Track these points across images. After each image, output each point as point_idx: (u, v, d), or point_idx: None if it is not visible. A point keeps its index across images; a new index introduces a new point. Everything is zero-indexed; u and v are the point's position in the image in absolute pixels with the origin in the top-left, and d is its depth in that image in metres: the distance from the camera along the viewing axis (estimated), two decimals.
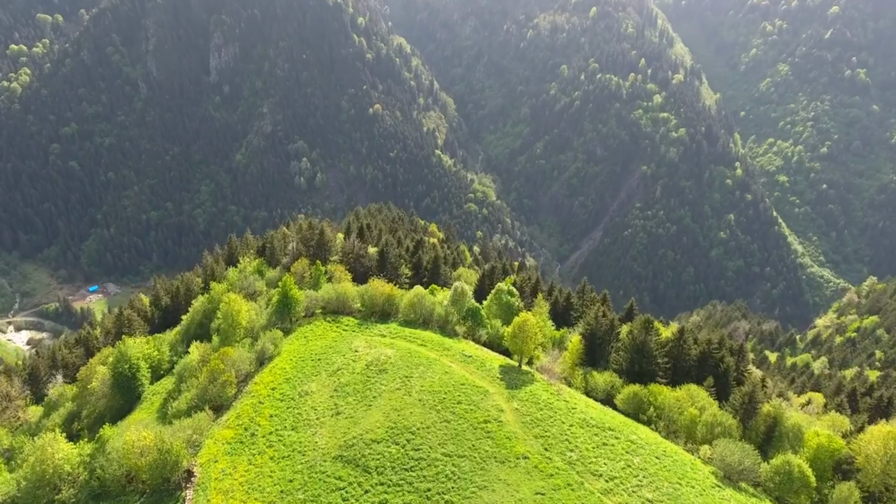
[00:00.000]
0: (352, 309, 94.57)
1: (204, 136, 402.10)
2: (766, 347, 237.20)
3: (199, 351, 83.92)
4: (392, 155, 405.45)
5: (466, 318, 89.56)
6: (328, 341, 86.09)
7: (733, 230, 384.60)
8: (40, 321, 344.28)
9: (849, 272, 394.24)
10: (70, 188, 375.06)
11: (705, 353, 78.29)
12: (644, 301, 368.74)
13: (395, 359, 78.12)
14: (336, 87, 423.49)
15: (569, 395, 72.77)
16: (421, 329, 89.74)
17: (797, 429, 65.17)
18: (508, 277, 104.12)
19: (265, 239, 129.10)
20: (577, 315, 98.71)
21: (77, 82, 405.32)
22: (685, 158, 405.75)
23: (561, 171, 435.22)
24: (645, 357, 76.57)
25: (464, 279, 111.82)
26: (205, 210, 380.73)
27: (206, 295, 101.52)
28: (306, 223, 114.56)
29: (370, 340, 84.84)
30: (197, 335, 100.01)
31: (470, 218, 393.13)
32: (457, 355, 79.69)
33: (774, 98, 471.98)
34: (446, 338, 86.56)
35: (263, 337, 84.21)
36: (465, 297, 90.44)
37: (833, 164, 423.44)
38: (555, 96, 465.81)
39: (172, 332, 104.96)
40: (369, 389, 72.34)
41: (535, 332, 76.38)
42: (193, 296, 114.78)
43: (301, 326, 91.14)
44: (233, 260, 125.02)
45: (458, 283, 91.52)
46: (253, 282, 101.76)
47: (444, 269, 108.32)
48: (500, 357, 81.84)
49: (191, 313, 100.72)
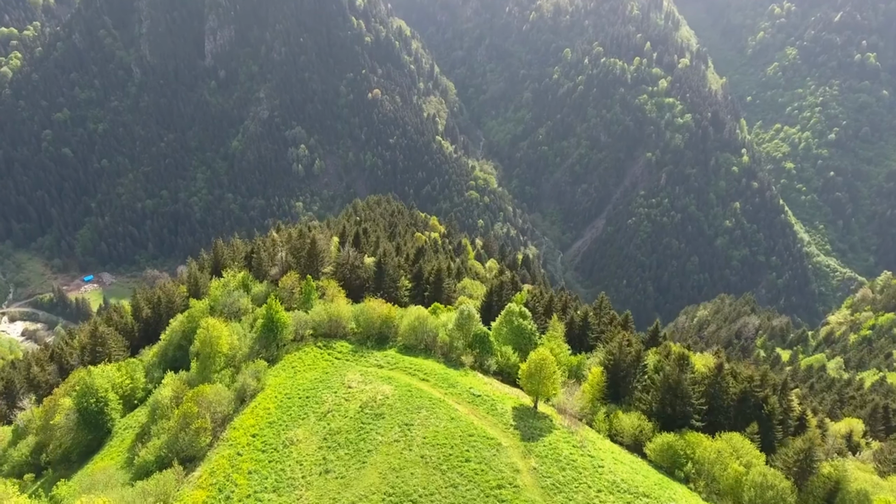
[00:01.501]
0: (346, 331, 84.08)
1: (199, 122, 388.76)
2: (776, 344, 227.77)
3: (172, 385, 73.51)
4: (392, 141, 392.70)
5: (473, 346, 79.11)
6: (318, 373, 75.66)
7: (739, 218, 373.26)
8: (35, 312, 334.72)
9: (855, 261, 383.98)
10: (63, 176, 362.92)
11: (746, 392, 68.11)
12: (647, 291, 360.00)
13: (394, 399, 67.73)
14: (334, 71, 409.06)
15: (593, 446, 62.46)
16: (422, 356, 79.31)
17: (863, 496, 55.24)
18: (519, 294, 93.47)
19: (254, 244, 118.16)
20: (594, 336, 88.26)
21: (69, 67, 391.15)
22: (690, 145, 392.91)
23: (564, 157, 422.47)
24: (679, 398, 66.37)
25: (469, 292, 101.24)
26: (201, 198, 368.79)
27: (185, 314, 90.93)
28: (296, 230, 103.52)
29: (365, 372, 74.42)
30: (175, 358, 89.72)
31: (471, 206, 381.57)
32: (464, 393, 69.29)
33: (782, 83, 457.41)
34: (451, 369, 76.13)
35: (245, 370, 73.67)
36: (472, 321, 79.87)
37: (841, 151, 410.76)
38: (558, 81, 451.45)
39: (149, 352, 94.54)
40: (364, 440, 61.99)
41: (554, 370, 65.93)
42: (175, 309, 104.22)
43: (289, 353, 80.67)
44: (218, 268, 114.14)
45: (463, 305, 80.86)
46: (237, 298, 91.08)
47: (447, 282, 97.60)
48: (513, 394, 71.49)
49: (168, 333, 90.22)
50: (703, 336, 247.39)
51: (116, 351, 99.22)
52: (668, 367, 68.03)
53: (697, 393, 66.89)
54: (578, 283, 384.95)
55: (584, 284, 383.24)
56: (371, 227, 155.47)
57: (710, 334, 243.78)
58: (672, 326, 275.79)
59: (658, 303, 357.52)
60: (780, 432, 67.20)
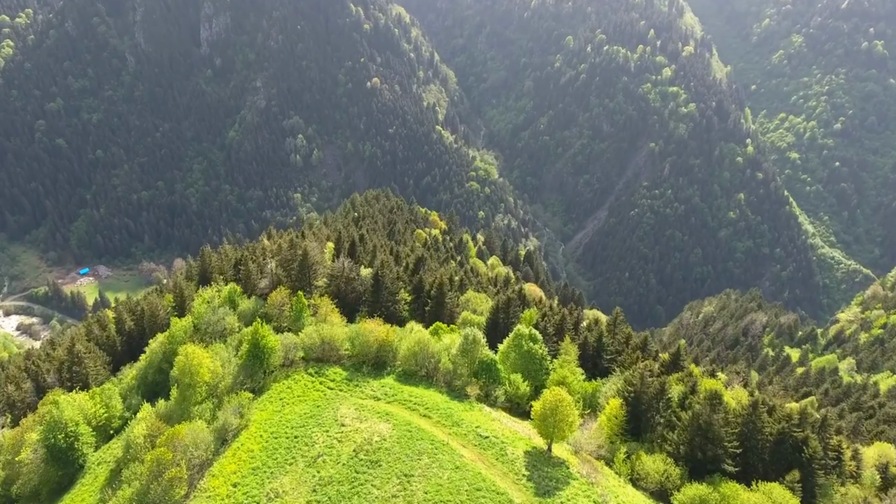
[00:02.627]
0: (339, 355, 76.33)
1: (195, 111, 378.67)
2: (784, 342, 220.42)
3: (146, 422, 65.83)
4: (391, 131, 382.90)
5: (479, 374, 71.43)
6: (309, 406, 68.00)
7: (743, 210, 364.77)
8: (30, 306, 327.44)
9: (860, 253, 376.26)
10: (57, 167, 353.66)
11: (784, 433, 60.61)
12: (650, 283, 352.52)
13: (392, 440, 60.13)
14: (332, 59, 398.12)
15: (615, 499, 54.93)
16: (423, 386, 71.63)
17: None
18: (527, 311, 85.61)
19: (244, 250, 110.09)
20: (609, 358, 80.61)
21: (62, 55, 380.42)
22: (694, 135, 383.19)
23: (565, 147, 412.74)
24: (710, 441, 58.87)
25: (473, 306, 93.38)
26: (197, 189, 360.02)
27: (166, 334, 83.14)
28: (286, 240, 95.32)
29: (361, 406, 66.76)
30: (156, 382, 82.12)
31: (472, 197, 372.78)
32: (470, 434, 61.67)
33: (787, 71, 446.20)
34: (455, 401, 68.50)
35: (227, 405, 65.97)
36: (478, 347, 72.12)
37: (847, 141, 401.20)
38: (560, 69, 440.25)
39: (129, 373, 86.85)
40: (358, 494, 54.44)
41: (570, 412, 58.28)
42: (159, 323, 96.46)
43: (276, 382, 72.96)
44: (206, 276, 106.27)
45: (468, 329, 73.01)
46: (223, 316, 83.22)
47: (450, 296, 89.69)
48: (524, 432, 63.87)
49: (148, 355, 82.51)
50: (709, 333, 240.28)
51: (95, 370, 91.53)
52: (697, 405, 60.44)
53: (730, 434, 59.32)
54: (580, 275, 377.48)
55: (585, 277, 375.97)
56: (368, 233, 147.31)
57: (716, 332, 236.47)
58: (677, 322, 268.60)
59: (661, 295, 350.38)
60: (821, 477, 59.72)
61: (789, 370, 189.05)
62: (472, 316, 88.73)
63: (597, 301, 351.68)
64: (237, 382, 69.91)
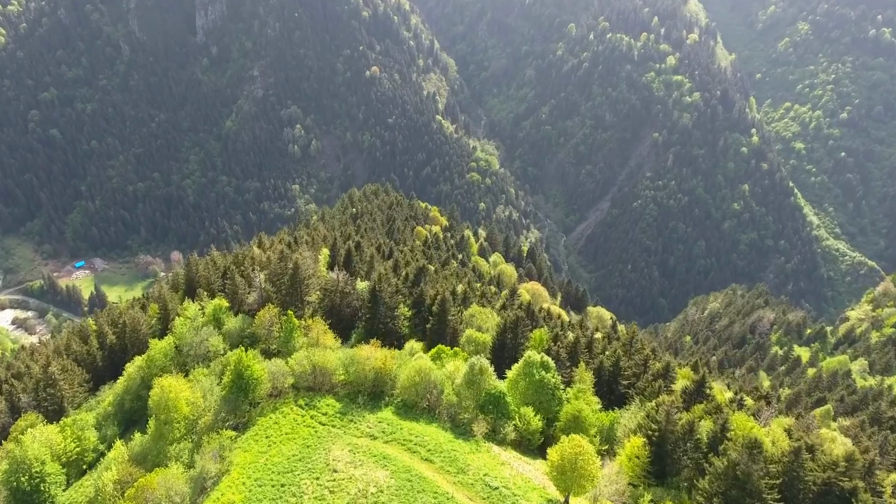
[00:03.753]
0: (332, 384, 68.98)
1: (191, 101, 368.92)
2: (793, 340, 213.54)
3: (117, 466, 58.59)
4: (390, 121, 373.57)
5: (486, 408, 64.12)
6: (298, 446, 60.74)
7: (747, 201, 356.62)
8: (25, 299, 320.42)
9: (865, 245, 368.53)
10: (52, 158, 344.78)
11: (830, 482, 53.61)
12: (653, 276, 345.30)
13: (390, 493, 52.95)
14: (331, 47, 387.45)
15: None
16: (425, 420, 64.40)
17: None
18: (537, 331, 78.19)
19: (233, 257, 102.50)
20: (627, 383, 73.38)
21: (55, 44, 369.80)
22: (699, 125, 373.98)
23: (567, 137, 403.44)
24: (748, 493, 51.81)
25: (478, 322, 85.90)
26: (194, 181, 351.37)
27: (145, 357, 75.77)
28: (276, 252, 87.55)
29: (355, 447, 59.50)
30: (133, 410, 74.97)
31: (472, 188, 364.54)
32: (477, 483, 54.50)
33: (793, 59, 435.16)
34: (459, 440, 61.29)
35: (207, 447, 58.65)
36: (484, 377, 64.80)
37: (853, 131, 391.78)
38: (562, 57, 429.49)
39: (106, 397, 79.59)
40: None
41: (591, 464, 51.05)
42: (141, 339, 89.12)
43: (263, 416, 65.66)
44: (193, 287, 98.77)
45: (474, 358, 65.53)
46: (206, 337, 75.81)
47: (453, 312, 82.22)
48: (537, 481, 56.72)
49: (125, 380, 75.24)
50: (714, 330, 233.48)
51: (71, 392, 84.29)
52: (733, 452, 53.23)
53: (773, 490, 52.14)
54: (582, 267, 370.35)
55: (587, 269, 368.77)
56: (367, 231, 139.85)
57: (722, 329, 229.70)
58: (681, 318, 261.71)
59: (663, 288, 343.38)
60: None
61: (800, 372, 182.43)
62: (477, 334, 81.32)
63: (599, 294, 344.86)
64: (218, 419, 62.58)
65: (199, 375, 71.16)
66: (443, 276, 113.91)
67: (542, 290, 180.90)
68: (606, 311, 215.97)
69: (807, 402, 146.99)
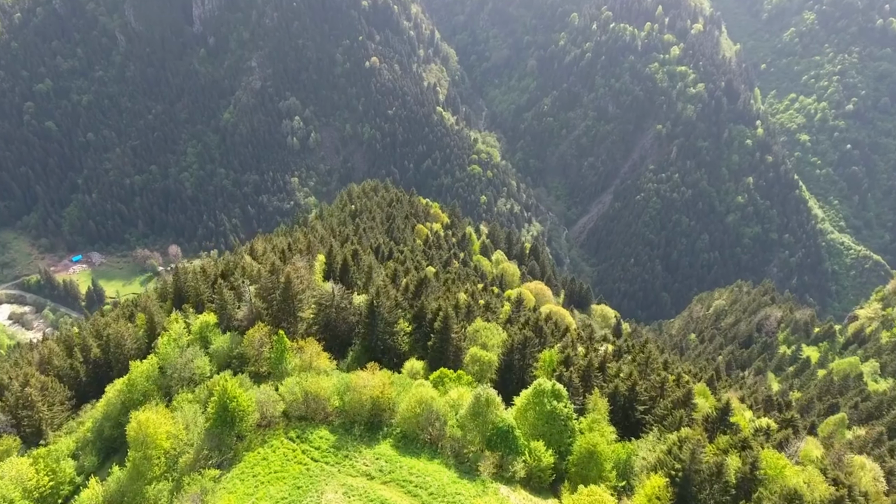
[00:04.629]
0: (327, 412, 63.30)
1: (189, 92, 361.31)
2: (801, 339, 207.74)
3: None
4: (390, 112, 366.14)
5: (493, 443, 58.45)
6: (288, 487, 55.16)
7: (752, 194, 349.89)
8: (22, 294, 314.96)
9: (870, 238, 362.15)
10: (48, 150, 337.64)
11: None
12: (655, 270, 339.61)
13: None
14: (330, 37, 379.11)
15: None
16: (426, 454, 58.82)
17: None
18: (547, 352, 72.42)
19: (224, 265, 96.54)
20: (643, 409, 67.73)
21: (50, 34, 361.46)
22: (703, 116, 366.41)
23: (570, 129, 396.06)
24: None
25: (483, 339, 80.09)
26: (192, 174, 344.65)
27: (125, 379, 70.05)
28: (267, 265, 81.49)
29: (350, 489, 53.95)
30: (113, 438, 69.35)
31: (473, 181, 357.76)
32: None
33: (798, 49, 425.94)
34: (464, 479, 55.74)
35: (187, 492, 52.99)
36: (491, 409, 59.07)
37: (859, 123, 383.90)
38: (564, 48, 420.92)
39: (86, 421, 73.98)
40: None
41: None
42: (126, 354, 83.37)
43: (250, 451, 60.00)
44: (182, 297, 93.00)
45: (480, 388, 59.77)
46: (192, 359, 70.08)
47: (456, 329, 76.38)
48: None
49: (104, 406, 69.61)
50: (720, 328, 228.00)
51: (50, 415, 78.64)
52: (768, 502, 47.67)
53: None
54: (584, 261, 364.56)
55: (589, 263, 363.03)
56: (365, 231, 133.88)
57: (728, 327, 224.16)
58: (686, 315, 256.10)
59: (666, 282, 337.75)
60: None
61: (809, 374, 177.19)
62: (482, 353, 75.55)
63: (601, 288, 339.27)
64: (201, 458, 56.92)
65: (182, 401, 65.51)
66: (444, 282, 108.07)
67: (546, 290, 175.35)
68: (611, 310, 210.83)
69: (819, 409, 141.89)
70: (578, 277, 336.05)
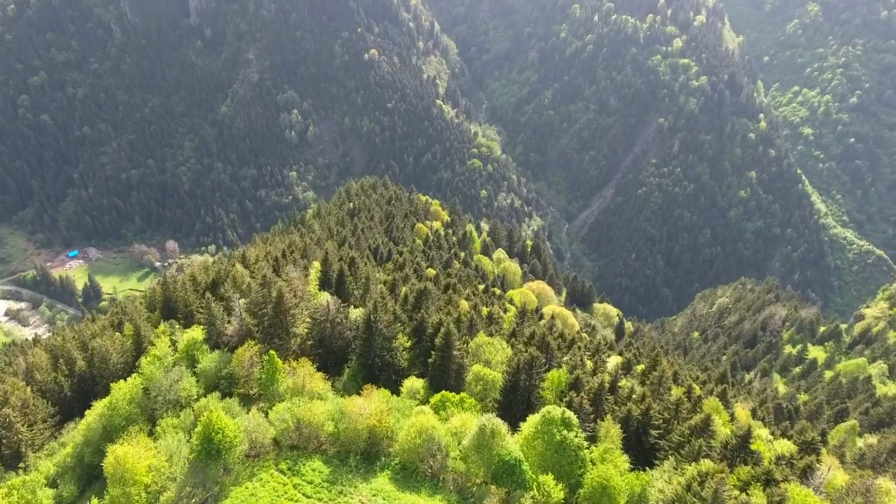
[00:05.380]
0: (320, 441, 58.76)
1: (185, 85, 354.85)
2: (806, 338, 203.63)
3: None
4: (390, 106, 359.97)
5: (500, 478, 53.96)
6: None
7: (754, 188, 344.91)
8: (18, 290, 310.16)
9: (873, 233, 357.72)
10: (43, 144, 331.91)
11: None
12: (657, 265, 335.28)
13: None
14: (328, 29, 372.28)
15: None
16: (426, 489, 54.39)
17: None
18: (554, 372, 67.86)
19: (216, 275, 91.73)
20: (657, 434, 63.26)
21: (44, 26, 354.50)
22: (705, 110, 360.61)
23: (571, 122, 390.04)
24: None
25: (486, 356, 75.53)
26: (189, 168, 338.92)
27: (107, 401, 65.40)
28: (258, 278, 76.56)
29: None
30: (93, 465, 64.69)
31: (473, 175, 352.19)
32: None
33: (802, 41, 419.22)
34: None
35: None
36: (497, 440, 54.54)
37: (863, 116, 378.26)
38: (565, 39, 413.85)
39: (68, 443, 69.45)
40: None
41: None
42: (111, 371, 78.82)
43: (237, 485, 55.50)
44: (170, 306, 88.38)
45: (484, 418, 55.20)
46: (177, 380, 65.43)
47: (458, 346, 71.73)
48: None
49: (84, 430, 64.96)
50: (723, 327, 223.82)
51: (30, 436, 74.11)
52: None
53: None
54: (584, 255, 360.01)
55: (590, 258, 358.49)
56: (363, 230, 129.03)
57: (732, 325, 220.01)
58: (689, 313, 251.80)
59: (668, 277, 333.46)
60: None
61: (816, 376, 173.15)
62: (486, 371, 71.01)
63: (602, 283, 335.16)
64: (184, 494, 52.37)
65: (167, 427, 60.95)
66: (445, 289, 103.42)
67: (548, 290, 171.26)
68: (613, 308, 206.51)
69: (829, 414, 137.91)
70: (579, 273, 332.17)
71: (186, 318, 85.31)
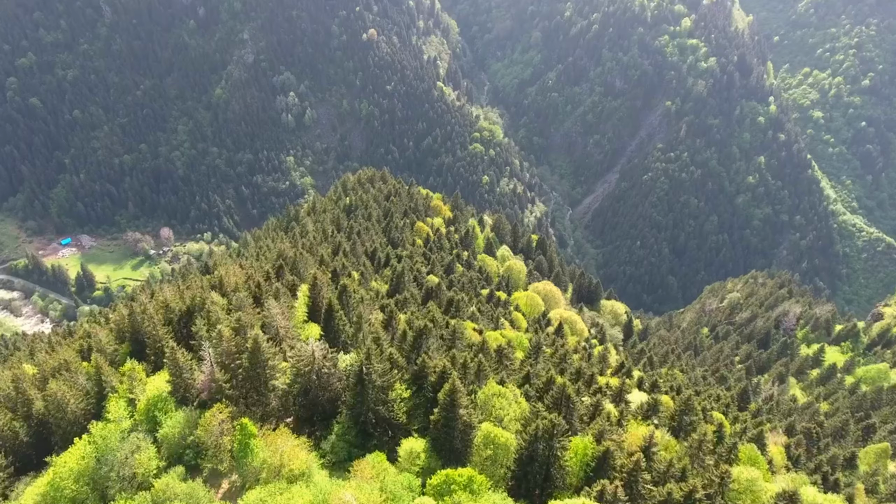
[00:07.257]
0: None
1: (178, 67, 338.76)
2: (821, 337, 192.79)
3: None
4: (389, 88, 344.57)
5: None
6: None
7: (763, 174, 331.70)
8: (10, 279, 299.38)
9: (883, 220, 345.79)
10: (33, 128, 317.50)
11: None
12: (662, 253, 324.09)
13: None
14: (325, 8, 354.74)
15: None
16: None
17: None
18: (577, 440, 56.79)
19: (192, 300, 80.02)
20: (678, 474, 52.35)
21: (31, 5, 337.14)
22: (714, 92, 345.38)
23: (575, 105, 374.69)
24: None
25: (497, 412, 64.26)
26: (183, 153, 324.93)
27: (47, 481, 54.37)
28: (232, 321, 64.87)
29: None
30: None
31: (475, 160, 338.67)
32: None
33: (813, 21, 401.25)
34: None
35: None
36: None
37: (875, 99, 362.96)
38: (570, 19, 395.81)
39: None
40: None
41: None
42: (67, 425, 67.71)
43: None
44: (138, 339, 77.00)
45: None
46: (133, 451, 54.28)
47: (465, 403, 60.43)
48: None
49: None
50: (734, 323, 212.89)
51: None
52: None
53: None
54: (588, 242, 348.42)
55: (594, 245, 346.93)
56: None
57: (744, 322, 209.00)
58: (698, 308, 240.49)
59: (673, 265, 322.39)
60: None
61: (836, 382, 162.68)
62: (497, 432, 59.73)
63: (605, 271, 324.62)
64: None
65: None
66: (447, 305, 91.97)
67: (555, 291, 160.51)
68: (621, 305, 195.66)
69: (855, 433, 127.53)
70: (582, 260, 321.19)
71: (156, 354, 74.01)
